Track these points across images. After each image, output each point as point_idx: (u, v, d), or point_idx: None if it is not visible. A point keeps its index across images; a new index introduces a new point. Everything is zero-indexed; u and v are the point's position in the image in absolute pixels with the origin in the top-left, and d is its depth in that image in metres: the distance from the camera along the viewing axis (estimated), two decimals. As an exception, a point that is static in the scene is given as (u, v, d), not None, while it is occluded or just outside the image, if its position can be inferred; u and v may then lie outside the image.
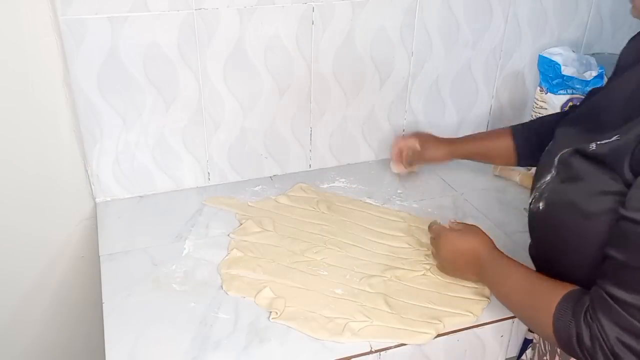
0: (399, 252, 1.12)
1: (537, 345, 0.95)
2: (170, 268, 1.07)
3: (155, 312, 0.97)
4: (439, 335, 0.94)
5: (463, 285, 1.03)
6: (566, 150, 0.81)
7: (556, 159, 0.83)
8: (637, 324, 0.67)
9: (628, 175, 0.68)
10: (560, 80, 1.32)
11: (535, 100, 1.39)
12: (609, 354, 0.69)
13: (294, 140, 1.37)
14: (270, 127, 1.33)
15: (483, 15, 1.38)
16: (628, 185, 0.69)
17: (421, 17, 1.32)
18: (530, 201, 0.89)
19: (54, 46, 1.12)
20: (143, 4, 1.11)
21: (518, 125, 1.19)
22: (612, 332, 0.69)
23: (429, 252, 1.11)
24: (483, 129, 1.55)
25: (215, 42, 1.19)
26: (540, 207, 0.83)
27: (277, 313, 0.95)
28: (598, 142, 0.74)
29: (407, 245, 1.14)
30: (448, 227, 1.01)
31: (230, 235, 1.16)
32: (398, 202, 1.29)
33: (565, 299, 0.76)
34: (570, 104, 1.33)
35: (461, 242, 0.97)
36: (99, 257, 1.10)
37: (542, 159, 0.90)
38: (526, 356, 1.00)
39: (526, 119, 1.52)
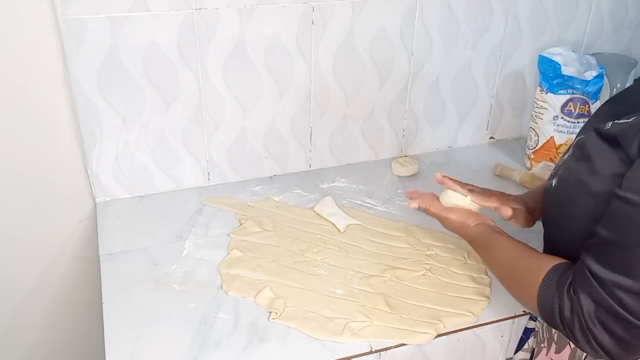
0: (399, 252, 1.12)
1: (538, 332, 0.95)
2: (170, 268, 1.07)
3: (155, 312, 0.97)
4: (439, 335, 0.94)
5: (463, 285, 1.03)
6: (586, 129, 0.80)
7: (575, 140, 0.83)
8: (611, 301, 0.67)
9: (634, 154, 0.68)
10: (560, 80, 1.32)
11: (536, 100, 1.39)
12: (584, 327, 0.70)
13: (294, 140, 1.36)
14: (270, 127, 1.33)
15: (483, 15, 1.38)
16: (632, 164, 0.68)
17: (421, 17, 1.32)
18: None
19: (54, 46, 1.12)
20: (143, 3, 1.11)
21: None
22: (588, 306, 0.70)
23: (430, 252, 1.11)
24: (483, 129, 1.55)
25: (215, 42, 1.19)
26: (553, 184, 0.83)
27: (277, 313, 0.95)
28: (615, 121, 0.73)
29: (407, 245, 1.14)
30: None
31: (230, 235, 1.16)
32: (398, 202, 1.29)
33: (552, 271, 0.77)
34: (570, 104, 1.33)
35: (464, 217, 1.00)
36: (99, 257, 1.10)
37: None
38: (528, 345, 1.00)
39: (526, 119, 1.52)
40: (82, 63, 1.12)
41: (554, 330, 0.86)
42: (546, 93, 1.35)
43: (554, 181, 0.83)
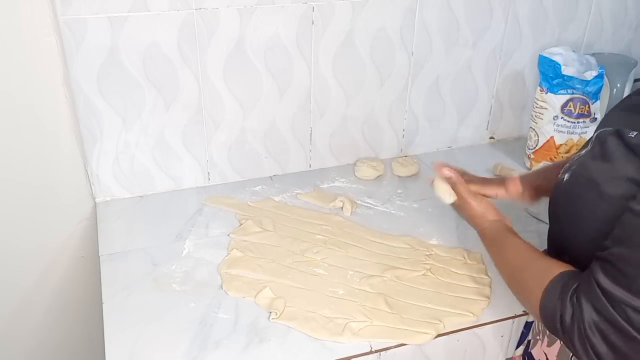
0: (399, 252, 1.12)
1: (534, 323, 0.95)
2: (170, 268, 1.07)
3: (155, 312, 0.97)
4: (439, 335, 0.94)
5: (463, 285, 1.03)
6: (607, 129, 0.79)
7: (595, 135, 0.82)
8: (615, 314, 0.67)
9: None
10: (560, 80, 1.32)
11: (536, 100, 1.39)
12: (583, 335, 0.70)
13: (294, 140, 1.36)
14: (270, 127, 1.33)
15: (483, 15, 1.38)
16: None
17: (421, 17, 1.32)
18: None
19: (54, 46, 1.12)
20: (143, 3, 1.11)
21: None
22: (589, 315, 0.70)
23: (430, 252, 1.11)
24: (483, 129, 1.55)
25: (215, 42, 1.19)
26: (565, 179, 0.82)
27: (277, 313, 0.95)
28: (638, 132, 0.73)
29: (407, 245, 1.14)
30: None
31: (230, 235, 1.16)
32: (398, 202, 1.29)
33: (559, 277, 0.77)
34: (570, 104, 1.33)
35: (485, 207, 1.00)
36: (99, 257, 1.10)
37: None
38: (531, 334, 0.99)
39: (526, 118, 1.52)
40: (82, 63, 1.12)
41: None
42: (546, 93, 1.35)
43: (566, 176, 0.82)
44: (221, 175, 1.34)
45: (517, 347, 1.02)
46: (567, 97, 1.33)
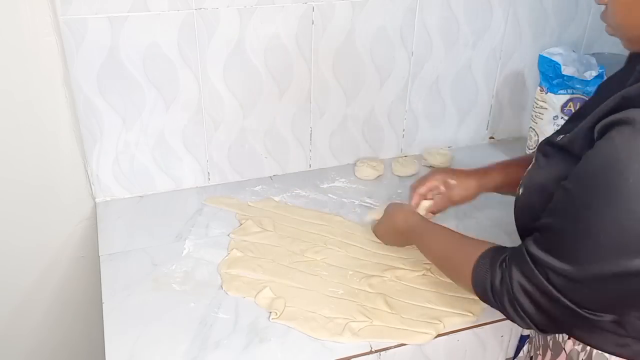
0: (399, 252, 1.12)
1: (533, 339, 0.95)
2: (170, 268, 1.07)
3: (155, 312, 0.97)
4: (439, 335, 0.94)
5: (463, 285, 1.03)
6: (543, 140, 0.86)
7: (536, 148, 0.87)
8: (539, 276, 0.71)
9: (581, 152, 0.71)
10: (560, 80, 1.32)
11: (536, 100, 1.39)
12: (512, 296, 0.76)
13: (294, 140, 1.36)
14: (270, 127, 1.33)
15: (483, 15, 1.38)
16: None
17: (421, 17, 1.32)
18: None
19: (54, 46, 1.12)
20: (143, 3, 1.11)
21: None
22: (517, 277, 0.75)
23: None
24: (483, 129, 1.55)
25: (215, 42, 1.19)
26: (520, 192, 0.86)
27: (277, 313, 0.95)
28: (566, 135, 0.78)
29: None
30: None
31: (230, 235, 1.16)
32: (398, 202, 1.29)
33: (487, 251, 0.83)
34: (570, 104, 1.33)
35: (394, 213, 1.09)
36: (99, 257, 1.10)
37: None
38: (523, 353, 1.00)
39: (526, 118, 1.52)
40: (82, 63, 1.12)
41: (548, 338, 0.87)
42: (546, 93, 1.35)
43: (520, 190, 0.86)
44: (221, 175, 1.34)
45: (517, 350, 1.02)
46: (567, 97, 1.33)
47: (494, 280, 0.78)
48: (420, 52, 1.37)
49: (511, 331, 1.00)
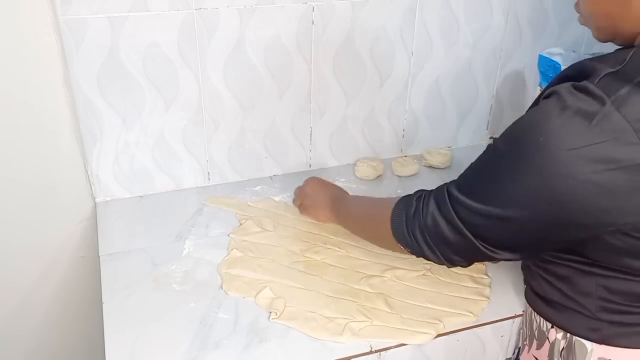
0: (399, 252, 1.12)
1: (520, 330, 0.97)
2: (170, 268, 1.07)
3: (155, 312, 0.97)
4: (439, 335, 0.94)
5: (463, 285, 1.03)
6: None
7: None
8: (451, 210, 0.78)
9: None
10: (560, 80, 1.31)
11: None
12: (422, 225, 0.82)
13: (294, 140, 1.36)
14: (270, 127, 1.33)
15: (483, 15, 1.38)
16: None
17: (421, 17, 1.32)
18: None
19: (54, 46, 1.12)
20: (143, 3, 1.11)
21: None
22: (432, 208, 0.81)
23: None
24: (483, 129, 1.55)
25: (215, 42, 1.19)
26: None
27: (277, 313, 0.95)
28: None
29: (407, 245, 1.14)
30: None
31: (230, 235, 1.16)
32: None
33: (399, 202, 0.89)
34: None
35: (321, 183, 1.18)
36: (99, 257, 1.10)
37: None
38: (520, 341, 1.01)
39: (526, 119, 1.52)
40: (82, 63, 1.12)
41: (534, 326, 0.88)
42: (546, 93, 1.35)
43: None
44: (221, 175, 1.34)
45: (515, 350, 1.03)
46: (567, 97, 1.33)
47: (408, 212, 0.84)
48: (420, 52, 1.37)
49: (511, 331, 1.00)
